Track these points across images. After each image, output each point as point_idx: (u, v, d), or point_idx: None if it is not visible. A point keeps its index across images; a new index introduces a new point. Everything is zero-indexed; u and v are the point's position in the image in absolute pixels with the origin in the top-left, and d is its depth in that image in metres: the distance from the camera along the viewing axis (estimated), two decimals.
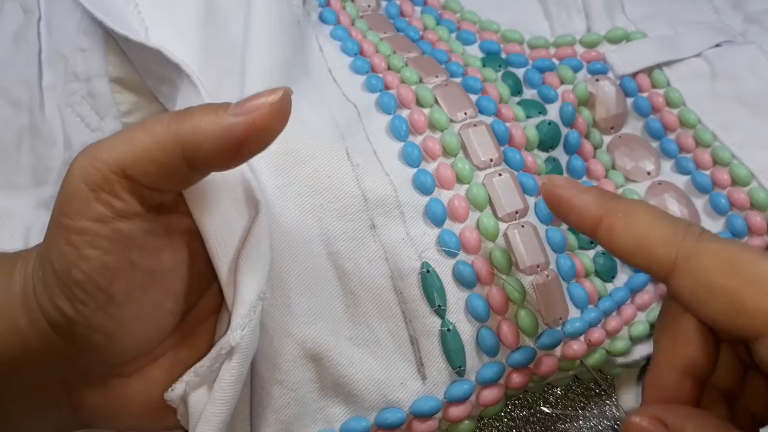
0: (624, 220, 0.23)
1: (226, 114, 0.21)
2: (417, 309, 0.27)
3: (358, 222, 0.28)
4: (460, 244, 0.28)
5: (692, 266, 0.21)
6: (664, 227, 0.22)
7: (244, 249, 0.24)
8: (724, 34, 0.37)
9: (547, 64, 0.35)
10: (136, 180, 0.22)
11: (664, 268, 0.22)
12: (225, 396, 0.24)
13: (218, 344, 0.24)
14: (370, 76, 0.31)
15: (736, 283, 0.21)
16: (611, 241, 0.23)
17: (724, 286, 0.21)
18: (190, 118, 0.22)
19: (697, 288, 0.21)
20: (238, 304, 0.23)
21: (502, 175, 0.29)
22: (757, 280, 0.20)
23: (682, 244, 0.22)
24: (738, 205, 0.33)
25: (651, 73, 0.36)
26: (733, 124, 0.35)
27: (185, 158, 0.21)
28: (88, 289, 0.22)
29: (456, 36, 0.36)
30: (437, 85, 0.31)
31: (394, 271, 0.28)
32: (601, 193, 0.24)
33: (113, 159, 0.22)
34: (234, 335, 0.23)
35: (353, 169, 0.28)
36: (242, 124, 0.21)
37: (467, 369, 0.27)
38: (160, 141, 0.21)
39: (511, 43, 0.36)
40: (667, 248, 0.22)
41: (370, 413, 0.27)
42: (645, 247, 0.22)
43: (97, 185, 0.21)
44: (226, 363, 0.24)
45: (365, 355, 0.27)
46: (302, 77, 0.30)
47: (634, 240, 0.23)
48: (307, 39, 0.32)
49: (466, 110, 0.30)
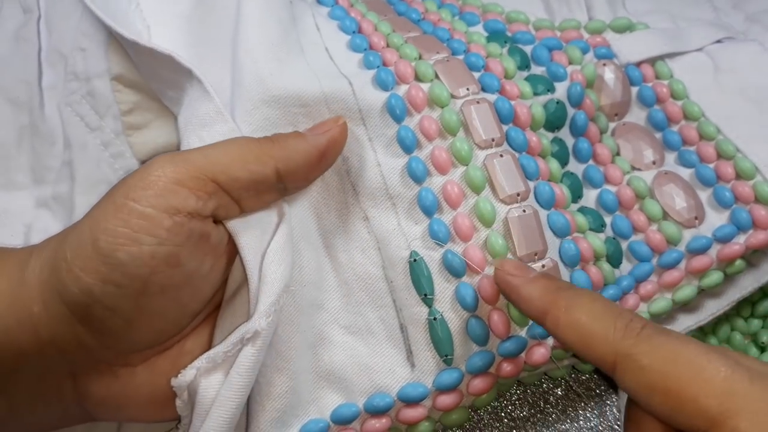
0: (567, 315, 0.23)
1: (306, 135, 0.26)
2: (406, 298, 0.27)
3: (352, 216, 0.28)
4: (449, 234, 0.27)
5: (631, 366, 0.21)
6: (605, 324, 0.22)
7: (271, 244, 0.25)
8: (725, 30, 0.37)
9: (555, 43, 0.34)
10: (223, 186, 0.24)
11: (606, 365, 0.22)
12: (242, 381, 0.24)
13: (239, 330, 0.24)
14: (368, 53, 0.30)
15: (675, 382, 0.20)
16: (557, 335, 0.23)
17: (664, 386, 0.21)
18: (278, 138, 0.26)
19: (638, 387, 0.21)
20: (265, 293, 0.24)
21: (504, 156, 0.28)
22: (696, 378, 0.20)
23: (621, 343, 0.22)
24: (742, 199, 0.32)
25: (654, 63, 0.36)
26: (736, 118, 0.34)
27: (277, 170, 0.25)
28: (128, 273, 0.22)
29: (459, 17, 0.35)
30: (438, 61, 0.30)
31: (385, 260, 0.28)
32: (546, 285, 0.24)
33: (208, 162, 0.24)
34: (261, 321, 0.24)
35: (343, 163, 0.28)
36: (324, 139, 0.26)
37: (456, 358, 0.27)
38: (255, 152, 0.25)
39: (515, 23, 0.35)
40: (607, 346, 0.22)
41: (360, 399, 0.27)
42: (587, 344, 0.22)
43: (181, 181, 0.23)
44: (247, 348, 0.24)
45: (357, 342, 0.28)
46: (295, 56, 0.29)
47: (577, 336, 0.23)
48: (302, 18, 0.31)
49: (468, 86, 0.29)
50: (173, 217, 0.23)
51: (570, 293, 0.24)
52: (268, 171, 0.25)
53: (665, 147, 0.34)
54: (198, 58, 0.28)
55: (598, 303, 0.23)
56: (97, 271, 0.22)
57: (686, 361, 0.21)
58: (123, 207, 0.23)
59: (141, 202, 0.23)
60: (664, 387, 0.21)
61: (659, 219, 0.32)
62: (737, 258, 0.31)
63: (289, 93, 0.27)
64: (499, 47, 0.33)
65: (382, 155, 0.28)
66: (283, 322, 0.26)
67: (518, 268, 0.26)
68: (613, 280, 0.30)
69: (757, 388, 0.20)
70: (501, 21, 0.35)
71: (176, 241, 0.23)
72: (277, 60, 0.28)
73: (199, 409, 0.24)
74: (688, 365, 0.21)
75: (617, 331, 0.22)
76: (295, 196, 0.28)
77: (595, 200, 0.33)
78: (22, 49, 0.32)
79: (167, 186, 0.23)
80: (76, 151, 0.31)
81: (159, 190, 0.23)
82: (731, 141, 0.33)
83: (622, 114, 0.35)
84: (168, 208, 0.23)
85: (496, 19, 0.35)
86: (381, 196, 0.28)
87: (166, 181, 0.23)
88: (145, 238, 0.23)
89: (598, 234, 0.31)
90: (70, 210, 0.31)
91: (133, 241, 0.22)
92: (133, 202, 0.23)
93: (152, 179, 0.23)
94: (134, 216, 0.23)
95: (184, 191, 0.23)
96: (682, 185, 0.33)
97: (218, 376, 0.24)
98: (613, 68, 0.34)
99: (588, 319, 0.23)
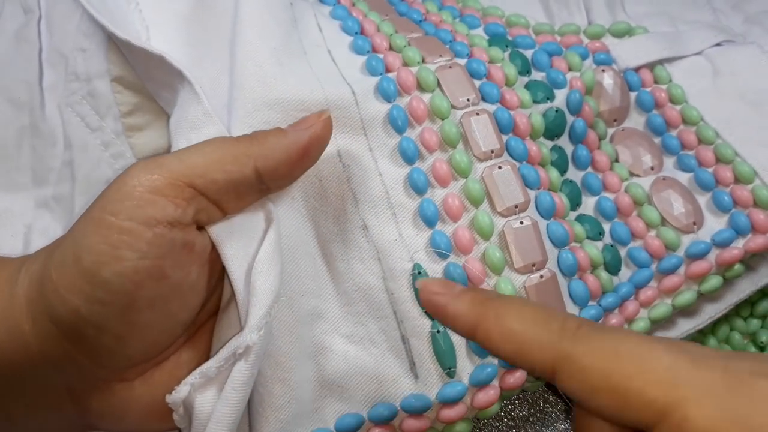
0: (498, 326, 0.22)
1: (287, 131, 0.25)
2: (408, 310, 0.27)
3: (351, 224, 0.28)
4: (451, 246, 0.27)
5: (572, 368, 0.21)
6: (538, 329, 0.22)
7: (259, 253, 0.25)
8: (725, 33, 0.37)
9: (555, 48, 0.34)
10: (200, 190, 0.23)
11: (546, 372, 0.21)
12: (237, 396, 0.24)
13: (231, 345, 0.24)
14: (371, 57, 0.30)
15: (618, 379, 0.20)
16: (491, 348, 0.22)
17: (608, 385, 0.20)
18: (257, 135, 0.25)
19: (582, 389, 0.21)
20: (255, 306, 0.24)
21: (503, 168, 0.28)
22: (639, 371, 0.20)
23: (558, 347, 0.21)
24: (741, 203, 0.32)
25: (653, 68, 0.36)
26: (735, 122, 0.34)
27: (256, 169, 0.24)
28: (113, 290, 0.22)
29: (460, 20, 0.35)
30: (440, 67, 0.30)
31: (386, 272, 0.27)
32: (473, 298, 0.23)
33: (184, 167, 0.23)
34: (252, 335, 0.23)
35: (344, 170, 0.28)
36: (306, 135, 0.25)
37: (459, 370, 0.27)
38: (233, 152, 0.24)
39: (516, 27, 0.35)
40: (544, 353, 0.21)
41: (363, 408, 0.27)
42: (523, 352, 0.22)
43: (158, 190, 0.22)
44: (240, 363, 0.24)
45: (360, 351, 0.27)
46: (298, 59, 0.29)
47: (511, 346, 0.22)
48: (303, 19, 0.31)
49: (468, 96, 0.29)
50: (153, 228, 0.22)
51: (498, 302, 0.23)
52: (247, 171, 0.24)
53: (664, 151, 0.35)
54: (196, 58, 0.28)
55: (528, 308, 0.22)
56: (81, 291, 0.22)
57: (627, 354, 0.20)
58: (102, 222, 0.22)
59: (119, 216, 0.22)
60: (608, 386, 0.20)
61: (657, 225, 0.32)
62: (736, 262, 0.31)
63: (292, 97, 0.27)
64: (501, 52, 0.33)
65: (383, 164, 0.28)
66: (281, 332, 0.26)
67: (443, 285, 0.25)
68: (611, 287, 0.31)
69: (701, 372, 0.19)
70: (501, 24, 0.35)
71: (158, 253, 0.22)
72: (279, 64, 0.28)
73: (197, 424, 0.24)
74: (629, 359, 0.20)
75: (552, 333, 0.21)
76: (291, 203, 0.27)
77: (593, 207, 0.33)
78: (23, 49, 0.32)
79: (143, 196, 0.22)
80: (77, 152, 0.31)
81: (136, 201, 0.22)
82: (730, 145, 0.34)
83: (621, 119, 0.35)
84: (147, 219, 0.22)
85: (496, 23, 0.35)
86: (382, 206, 0.28)
87: (142, 191, 0.22)
88: (126, 254, 0.22)
89: (596, 242, 0.31)
90: (71, 210, 0.31)
91: (115, 258, 0.22)
92: (111, 217, 0.22)
93: (128, 190, 0.22)
94: (114, 231, 0.22)
95: (162, 200, 0.22)
96: (680, 190, 0.33)
97: (212, 391, 0.24)
98: (612, 74, 0.34)
99: (520, 326, 0.22)
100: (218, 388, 0.24)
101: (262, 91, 0.27)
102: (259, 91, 0.27)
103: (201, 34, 0.29)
